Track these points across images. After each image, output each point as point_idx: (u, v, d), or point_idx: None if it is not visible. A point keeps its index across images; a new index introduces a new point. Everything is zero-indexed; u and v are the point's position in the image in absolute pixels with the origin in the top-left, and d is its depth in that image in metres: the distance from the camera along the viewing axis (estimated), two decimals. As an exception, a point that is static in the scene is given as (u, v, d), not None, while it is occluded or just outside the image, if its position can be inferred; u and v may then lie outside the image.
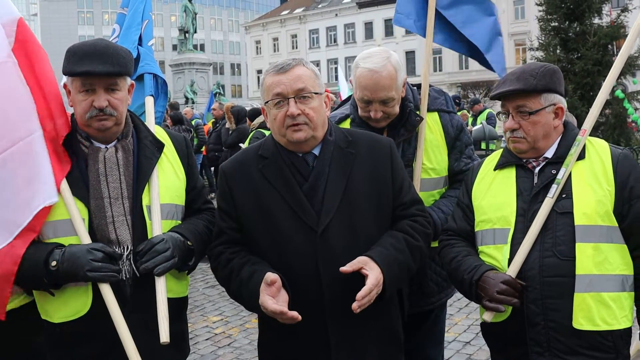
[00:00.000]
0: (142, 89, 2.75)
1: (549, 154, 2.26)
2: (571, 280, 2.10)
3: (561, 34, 13.18)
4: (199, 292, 6.85)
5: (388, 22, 54.48)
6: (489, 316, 2.22)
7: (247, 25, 69.75)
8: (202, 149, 12.66)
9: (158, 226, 2.22)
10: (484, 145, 11.83)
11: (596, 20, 13.14)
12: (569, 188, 2.17)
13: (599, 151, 2.23)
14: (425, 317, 2.97)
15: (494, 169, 2.37)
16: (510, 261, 2.19)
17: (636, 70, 12.90)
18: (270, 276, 2.01)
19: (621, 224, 2.14)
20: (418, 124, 2.81)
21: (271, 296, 2.00)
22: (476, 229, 2.36)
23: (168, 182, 2.33)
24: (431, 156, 2.85)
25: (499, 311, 2.17)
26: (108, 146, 2.23)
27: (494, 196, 2.31)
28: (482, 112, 13.96)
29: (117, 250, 2.16)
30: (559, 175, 2.19)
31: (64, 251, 2.09)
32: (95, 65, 2.10)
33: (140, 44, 2.89)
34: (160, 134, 2.44)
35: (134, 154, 2.27)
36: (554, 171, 2.21)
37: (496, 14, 3.35)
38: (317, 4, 62.21)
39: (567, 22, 13.17)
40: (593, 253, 2.10)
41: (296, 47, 61.26)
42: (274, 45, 63.88)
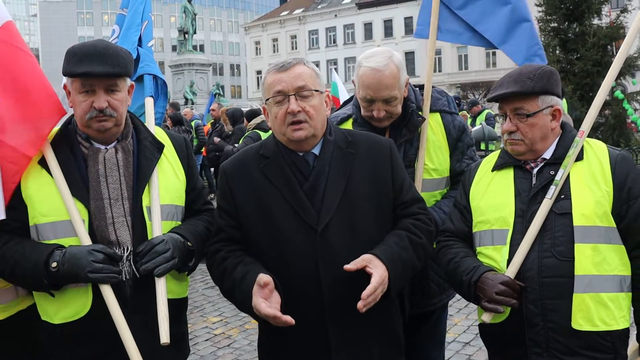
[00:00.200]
0: (141, 89, 2.75)
1: (547, 155, 2.26)
2: (570, 280, 2.10)
3: (560, 34, 13.21)
4: (199, 293, 6.85)
5: (387, 22, 54.56)
6: (487, 317, 2.22)
7: (247, 26, 69.80)
8: (202, 150, 12.65)
9: (158, 227, 2.22)
10: (483, 146, 11.83)
11: (595, 21, 13.18)
12: (567, 189, 2.18)
13: (597, 152, 2.23)
14: (426, 318, 2.97)
15: (492, 170, 2.37)
16: (509, 262, 2.19)
17: (635, 71, 12.91)
18: (263, 278, 1.99)
19: (619, 224, 2.14)
20: (420, 124, 2.81)
21: (264, 298, 1.99)
22: (474, 230, 2.36)
23: (168, 183, 2.33)
24: (433, 157, 2.85)
25: (497, 312, 2.17)
26: (108, 147, 2.23)
27: (492, 197, 2.31)
28: (480, 113, 13.95)
29: (117, 251, 2.15)
30: (557, 176, 2.19)
31: (65, 252, 2.08)
32: (95, 66, 2.10)
33: (140, 44, 2.89)
34: (160, 134, 2.44)
35: (133, 154, 2.27)
36: (552, 172, 2.21)
37: (514, 1, 3.19)
38: (316, 5, 62.23)
39: (567, 23, 13.20)
40: (592, 253, 2.10)
41: (296, 48, 61.25)
42: (274, 46, 63.87)
